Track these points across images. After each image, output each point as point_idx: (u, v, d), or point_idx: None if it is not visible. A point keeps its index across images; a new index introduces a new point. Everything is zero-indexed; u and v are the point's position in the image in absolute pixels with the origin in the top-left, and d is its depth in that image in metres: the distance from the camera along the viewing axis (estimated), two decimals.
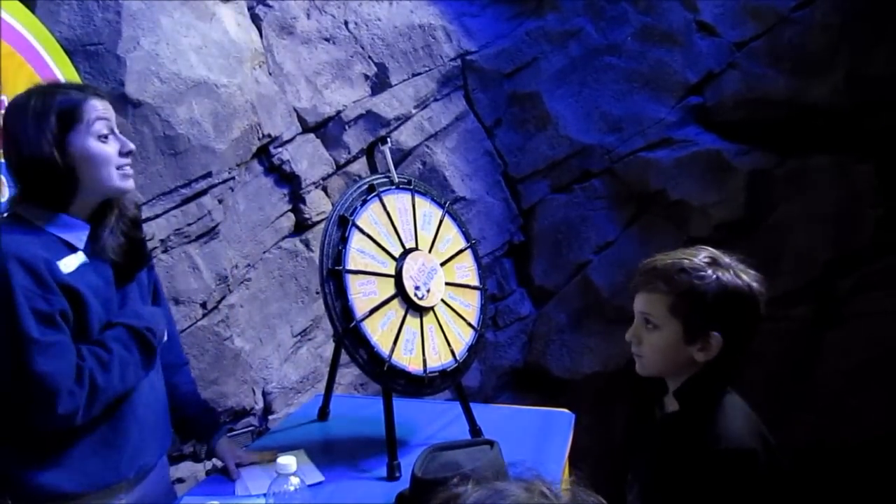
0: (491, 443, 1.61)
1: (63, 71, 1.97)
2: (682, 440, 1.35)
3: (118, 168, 1.50)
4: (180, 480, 2.57)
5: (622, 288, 3.46)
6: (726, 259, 1.38)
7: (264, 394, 2.83)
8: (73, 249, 1.47)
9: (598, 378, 3.47)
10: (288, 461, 1.30)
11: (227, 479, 1.76)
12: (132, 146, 1.53)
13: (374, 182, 1.83)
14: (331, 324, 1.65)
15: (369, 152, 1.92)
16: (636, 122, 3.48)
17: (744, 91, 3.40)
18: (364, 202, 1.78)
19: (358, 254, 1.72)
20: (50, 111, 1.44)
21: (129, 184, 1.54)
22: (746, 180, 3.41)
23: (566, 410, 2.18)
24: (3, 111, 1.85)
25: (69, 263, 1.43)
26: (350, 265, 1.69)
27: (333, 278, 1.66)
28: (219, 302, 2.67)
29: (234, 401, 2.69)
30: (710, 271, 1.34)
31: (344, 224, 1.72)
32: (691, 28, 3.45)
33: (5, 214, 1.53)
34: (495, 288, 3.61)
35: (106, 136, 1.48)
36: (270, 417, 2.83)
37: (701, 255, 1.38)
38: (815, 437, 3.44)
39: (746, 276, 1.36)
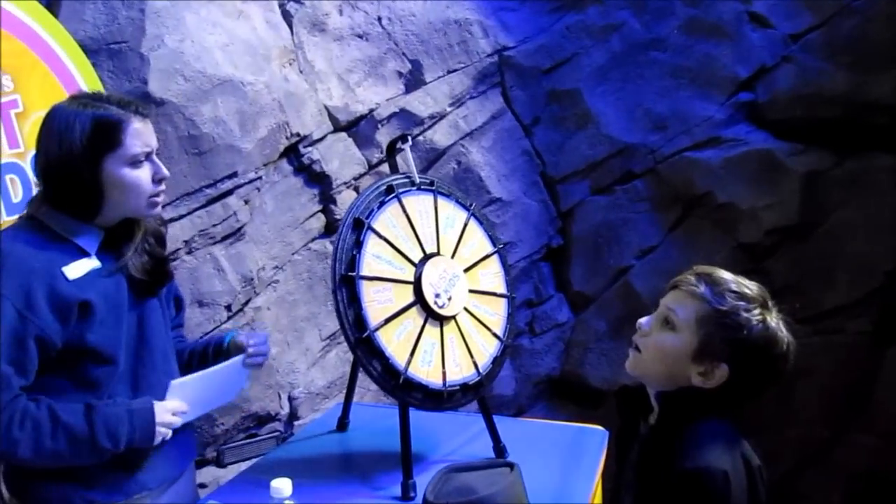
0: (511, 465, 1.50)
1: (80, 69, 1.93)
2: (659, 455, 1.29)
3: (150, 197, 1.46)
4: (202, 486, 2.52)
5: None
6: (776, 309, 1.32)
7: (290, 399, 2.77)
8: (84, 254, 1.43)
9: (629, 387, 3.32)
10: (282, 485, 1.22)
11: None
12: (166, 173, 1.49)
13: (394, 183, 1.73)
14: (343, 333, 1.56)
15: (389, 151, 1.82)
16: (682, 120, 3.35)
17: (799, 87, 3.24)
18: (382, 204, 1.68)
19: (373, 259, 1.62)
20: (88, 127, 1.39)
21: (156, 211, 1.51)
22: (801, 182, 3.24)
23: (599, 427, 2.05)
24: (19, 110, 1.83)
25: (77, 268, 1.40)
26: (364, 271, 1.60)
27: (346, 285, 1.57)
28: (244, 304, 2.61)
29: (258, 406, 2.63)
30: (759, 310, 1.27)
31: (359, 227, 1.63)
32: (742, 19, 3.30)
33: (22, 216, 1.51)
34: (532, 293, 3.50)
35: (141, 162, 1.44)
36: (296, 423, 2.77)
37: (758, 290, 1.31)
38: (872, 463, 3.23)
39: (789, 334, 1.29)
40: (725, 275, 1.32)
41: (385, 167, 3.07)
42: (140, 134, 1.43)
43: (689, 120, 3.34)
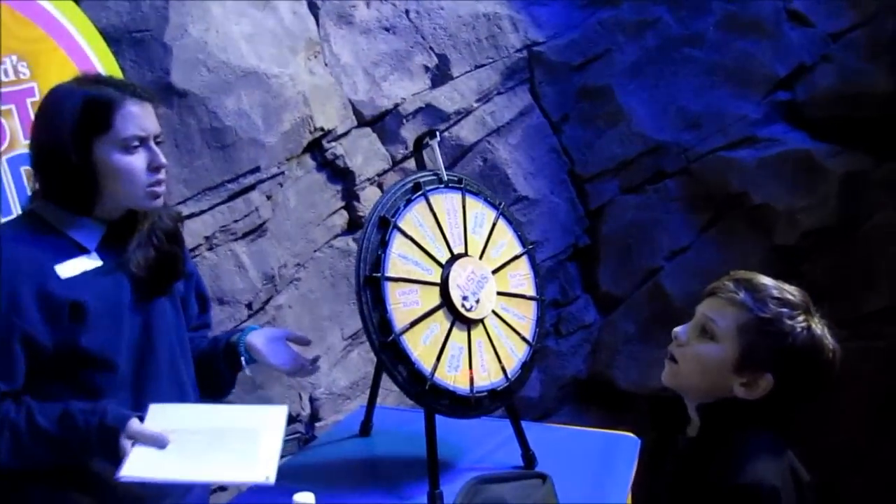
0: (543, 477, 1.43)
1: (100, 57, 1.89)
2: (699, 469, 1.23)
3: (146, 186, 1.35)
4: (222, 489, 2.47)
5: (696, 297, 3.21)
6: (819, 315, 1.26)
7: (311, 400, 2.72)
8: (83, 250, 1.35)
9: (663, 396, 3.26)
10: (305, 499, 1.16)
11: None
12: (163, 161, 1.37)
13: (421, 180, 1.66)
14: (367, 337, 1.50)
15: (417, 147, 1.75)
16: (717, 118, 3.27)
17: (838, 86, 3.18)
18: (408, 202, 1.61)
19: (399, 259, 1.56)
20: (78, 109, 1.31)
21: (157, 203, 1.39)
22: (839, 184, 3.17)
23: (631, 434, 1.98)
24: (35, 99, 1.78)
25: (72, 267, 1.31)
26: (390, 272, 1.53)
27: (371, 286, 1.50)
28: (265, 303, 2.57)
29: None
30: (803, 316, 1.22)
31: (385, 226, 1.56)
32: (781, 17, 3.22)
33: (24, 210, 1.43)
34: (558, 293, 3.43)
35: (136, 147, 1.34)
36: (317, 425, 2.72)
37: (800, 296, 1.25)
38: None
39: (834, 339, 1.23)
40: (766, 280, 1.26)
41: (409, 164, 3.01)
42: (134, 117, 1.32)
43: (724, 119, 3.27)
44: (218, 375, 1.57)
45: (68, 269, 1.31)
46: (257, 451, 1.31)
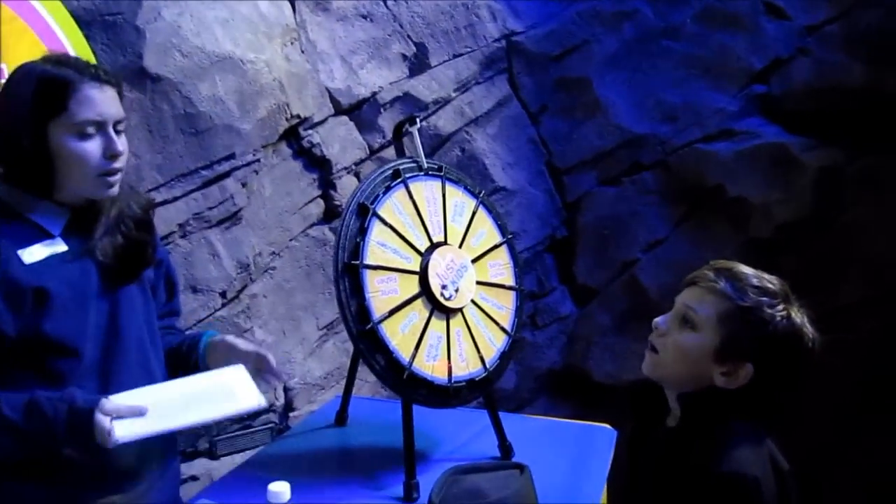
0: (521, 467, 1.42)
1: (71, 39, 1.83)
2: (681, 458, 1.23)
3: (99, 175, 1.30)
4: (194, 478, 2.44)
5: (672, 289, 3.21)
6: (798, 303, 1.26)
7: (286, 389, 2.69)
8: (48, 236, 1.31)
9: (642, 386, 3.26)
10: (280, 489, 1.13)
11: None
12: (119, 149, 1.31)
13: (400, 167, 1.64)
14: (344, 325, 1.47)
15: (396, 134, 1.73)
16: (694, 111, 3.27)
17: (814, 80, 3.18)
18: (388, 189, 1.59)
19: (378, 247, 1.54)
20: (33, 89, 1.26)
21: (110, 192, 1.33)
22: (814, 177, 3.17)
23: (608, 426, 1.97)
24: (3, 80, 1.72)
25: (36, 253, 1.27)
26: (369, 260, 1.51)
27: (349, 274, 1.48)
28: (240, 291, 2.53)
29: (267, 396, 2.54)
30: (782, 305, 1.21)
31: (364, 213, 1.54)
32: (758, 10, 3.22)
33: None
34: (535, 285, 3.42)
35: (92, 133, 1.28)
36: (291, 415, 2.69)
37: (779, 285, 1.25)
38: (890, 463, 3.15)
39: (812, 328, 1.24)
40: (746, 269, 1.26)
41: (387, 152, 2.98)
42: (90, 101, 1.27)
43: (701, 111, 3.27)
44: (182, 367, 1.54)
45: (32, 254, 1.27)
46: (234, 389, 1.34)
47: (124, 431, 1.22)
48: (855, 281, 3.15)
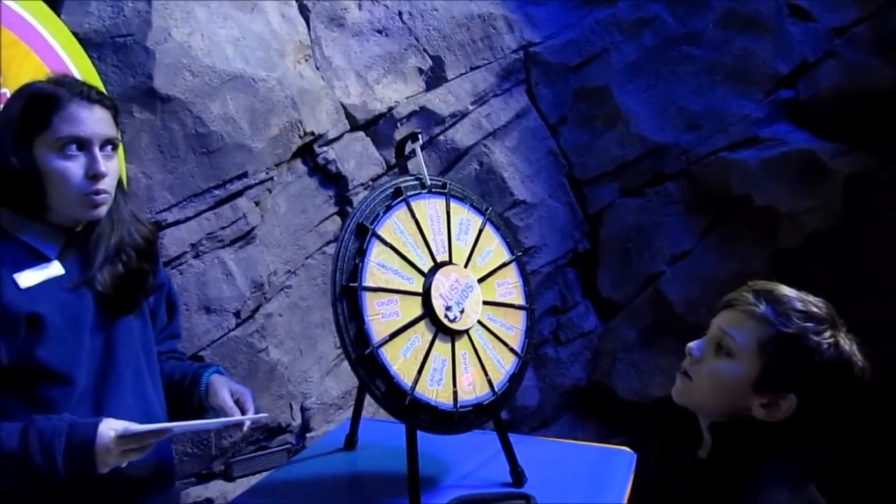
0: (528, 497, 1.36)
1: (75, 61, 1.83)
2: (710, 495, 1.15)
3: (83, 195, 1.28)
4: (209, 501, 2.42)
5: (698, 303, 3.14)
6: (846, 328, 1.16)
7: (303, 409, 2.66)
8: (44, 259, 1.29)
9: (669, 403, 3.16)
10: None
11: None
12: (102, 169, 1.28)
13: (402, 185, 1.60)
14: (343, 350, 1.43)
15: (399, 150, 1.69)
16: (717, 118, 3.18)
17: (843, 83, 3.08)
18: (388, 208, 1.55)
19: (378, 268, 1.49)
20: (22, 105, 1.26)
21: (95, 213, 1.31)
22: (844, 184, 3.07)
23: (627, 449, 1.90)
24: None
25: (33, 276, 1.26)
26: (368, 281, 1.47)
27: (347, 296, 1.44)
28: (254, 311, 2.51)
29: (269, 417, 2.52)
30: (830, 331, 1.12)
31: (362, 233, 1.49)
32: (782, 12, 3.13)
33: None
34: (557, 300, 3.35)
35: (74, 153, 1.27)
36: (308, 435, 2.65)
37: (826, 309, 1.15)
38: None
39: (863, 356, 1.14)
40: (788, 291, 1.17)
41: None
42: (74, 118, 1.26)
43: (725, 118, 3.18)
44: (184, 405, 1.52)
45: (29, 278, 1.26)
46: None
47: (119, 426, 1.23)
48: (888, 291, 3.03)
